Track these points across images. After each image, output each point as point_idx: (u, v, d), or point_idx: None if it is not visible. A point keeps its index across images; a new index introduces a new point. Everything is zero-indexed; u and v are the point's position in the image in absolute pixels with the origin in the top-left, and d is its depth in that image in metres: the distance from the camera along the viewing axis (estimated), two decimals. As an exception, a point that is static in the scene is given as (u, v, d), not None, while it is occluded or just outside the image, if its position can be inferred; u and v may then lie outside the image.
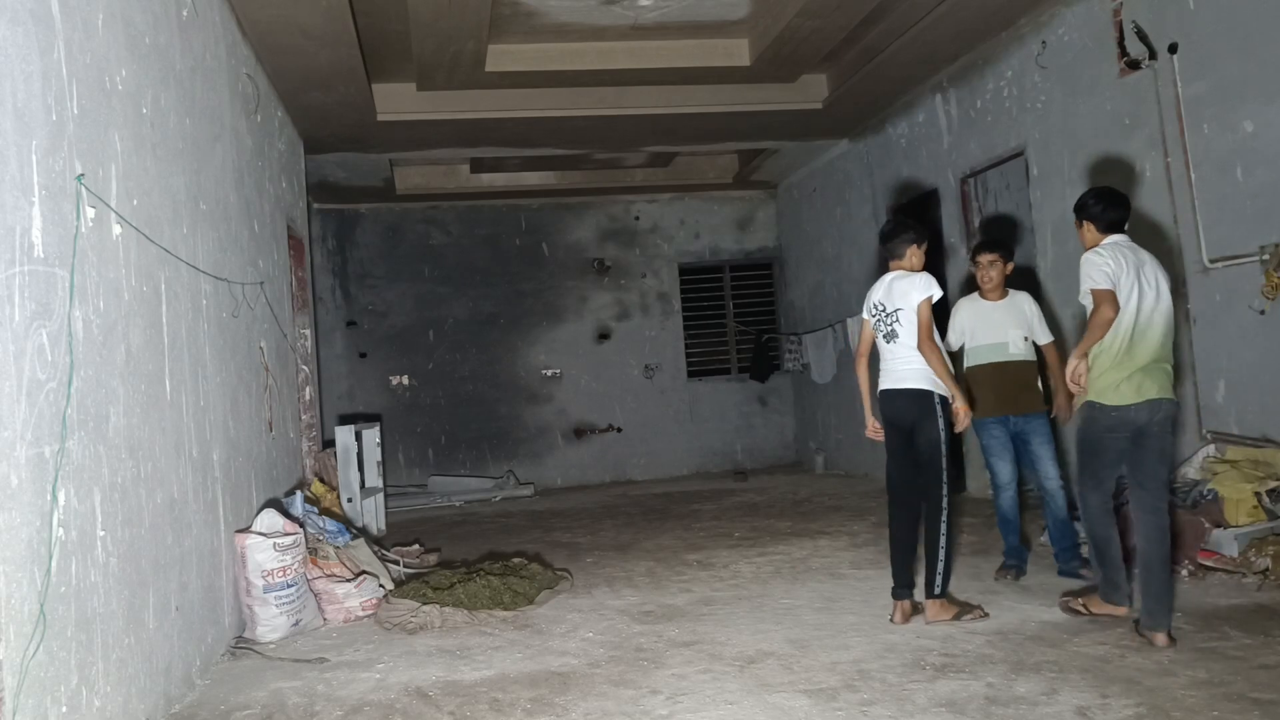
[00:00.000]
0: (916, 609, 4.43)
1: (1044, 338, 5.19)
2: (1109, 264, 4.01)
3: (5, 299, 2.65)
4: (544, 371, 11.67)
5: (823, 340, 10.53)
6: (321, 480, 7.35)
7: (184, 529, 4.06)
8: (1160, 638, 3.78)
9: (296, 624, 4.84)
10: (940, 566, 4.33)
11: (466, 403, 11.47)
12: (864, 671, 3.72)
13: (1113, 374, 3.96)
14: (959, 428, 4.40)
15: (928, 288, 4.44)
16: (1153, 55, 5.67)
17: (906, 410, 4.47)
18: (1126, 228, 4.20)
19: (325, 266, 11.24)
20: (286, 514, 5.14)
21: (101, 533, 3.18)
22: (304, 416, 7.54)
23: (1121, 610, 4.13)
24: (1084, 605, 4.23)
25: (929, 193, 8.34)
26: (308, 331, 8.01)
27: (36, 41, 2.93)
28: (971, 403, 4.71)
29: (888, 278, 4.62)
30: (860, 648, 4.03)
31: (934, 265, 7.91)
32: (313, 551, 5.17)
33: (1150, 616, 3.84)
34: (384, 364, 11.39)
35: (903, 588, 4.45)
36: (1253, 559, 4.59)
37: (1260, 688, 3.24)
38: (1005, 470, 5.20)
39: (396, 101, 7.95)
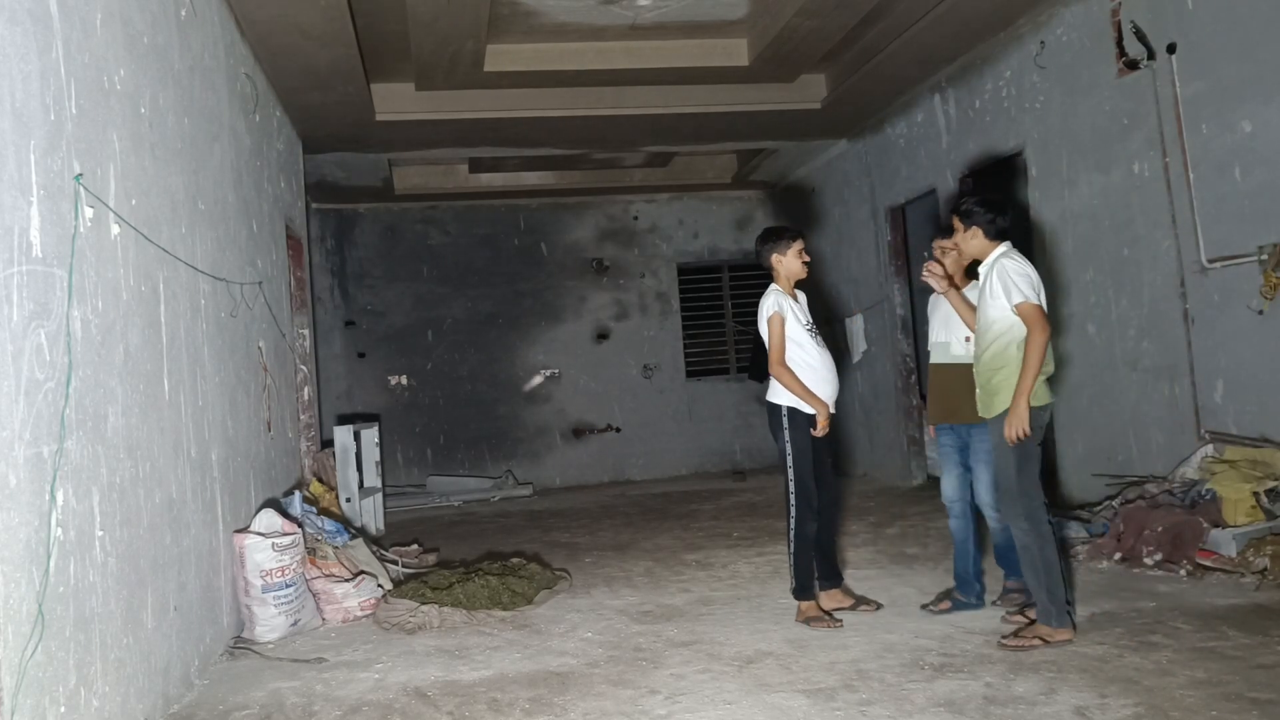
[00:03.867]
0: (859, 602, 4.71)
1: None
2: (1032, 273, 3.91)
3: (3, 299, 2.64)
4: (543, 371, 11.66)
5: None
6: (320, 480, 7.35)
7: (182, 529, 4.06)
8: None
9: (295, 624, 4.84)
10: (790, 571, 4.58)
11: (465, 403, 11.47)
12: (862, 671, 3.72)
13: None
14: (818, 433, 4.54)
15: (766, 306, 4.63)
16: (1151, 55, 5.67)
17: (770, 421, 4.68)
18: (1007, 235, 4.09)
19: (324, 266, 11.23)
20: (285, 514, 5.14)
21: (100, 533, 3.17)
22: (302, 416, 7.54)
23: (1069, 634, 3.85)
24: (1039, 638, 3.83)
25: (928, 192, 8.36)
26: (306, 331, 8.00)
27: (35, 41, 2.93)
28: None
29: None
30: (859, 648, 4.03)
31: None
32: (311, 551, 5.16)
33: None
34: (382, 364, 11.39)
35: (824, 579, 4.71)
36: (1251, 559, 4.59)
37: (1259, 687, 3.24)
38: (948, 485, 4.60)
39: (395, 101, 7.94)
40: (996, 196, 4.12)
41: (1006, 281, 3.90)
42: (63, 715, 2.81)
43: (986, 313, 4.01)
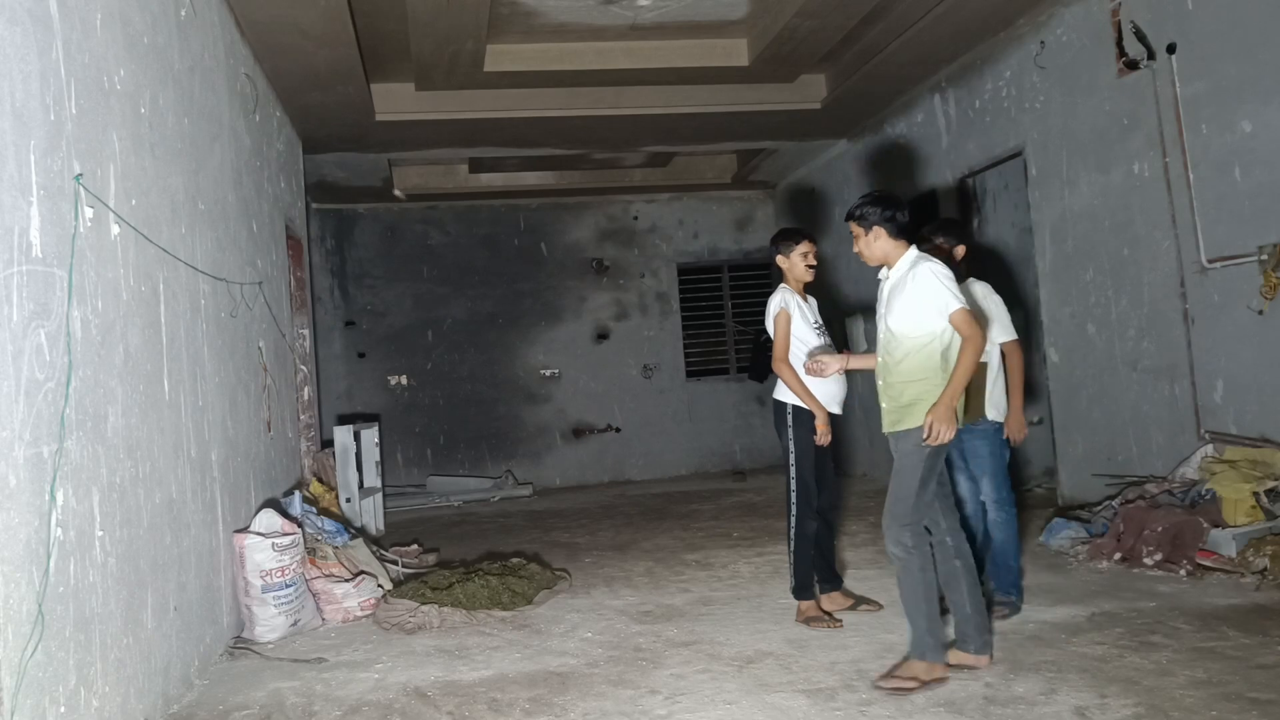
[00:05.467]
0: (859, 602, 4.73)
1: (1000, 335, 4.43)
2: (953, 278, 3.64)
3: (3, 299, 2.64)
4: (543, 371, 11.66)
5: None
6: (320, 480, 7.35)
7: (182, 529, 4.06)
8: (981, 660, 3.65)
9: (295, 624, 4.84)
10: (789, 570, 4.62)
11: (465, 403, 11.47)
12: (863, 671, 3.72)
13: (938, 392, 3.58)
14: (820, 441, 4.55)
15: (774, 304, 4.63)
16: (1151, 55, 5.67)
17: (775, 419, 4.72)
18: (909, 238, 3.81)
19: (324, 266, 11.23)
20: (285, 514, 5.14)
21: (100, 533, 3.17)
22: (302, 416, 7.54)
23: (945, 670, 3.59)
24: (914, 678, 3.54)
25: (928, 192, 8.35)
26: (306, 331, 8.00)
27: (35, 41, 2.93)
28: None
29: None
30: (859, 648, 4.03)
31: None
32: (311, 551, 5.16)
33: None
34: (382, 364, 11.38)
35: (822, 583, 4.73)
36: (1251, 559, 4.59)
37: (1258, 687, 3.24)
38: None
39: (395, 101, 7.94)
40: (886, 191, 3.84)
41: (935, 287, 3.58)
42: (63, 715, 2.81)
43: (902, 321, 3.64)
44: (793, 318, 4.58)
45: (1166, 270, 5.72)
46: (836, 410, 4.64)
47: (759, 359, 11.91)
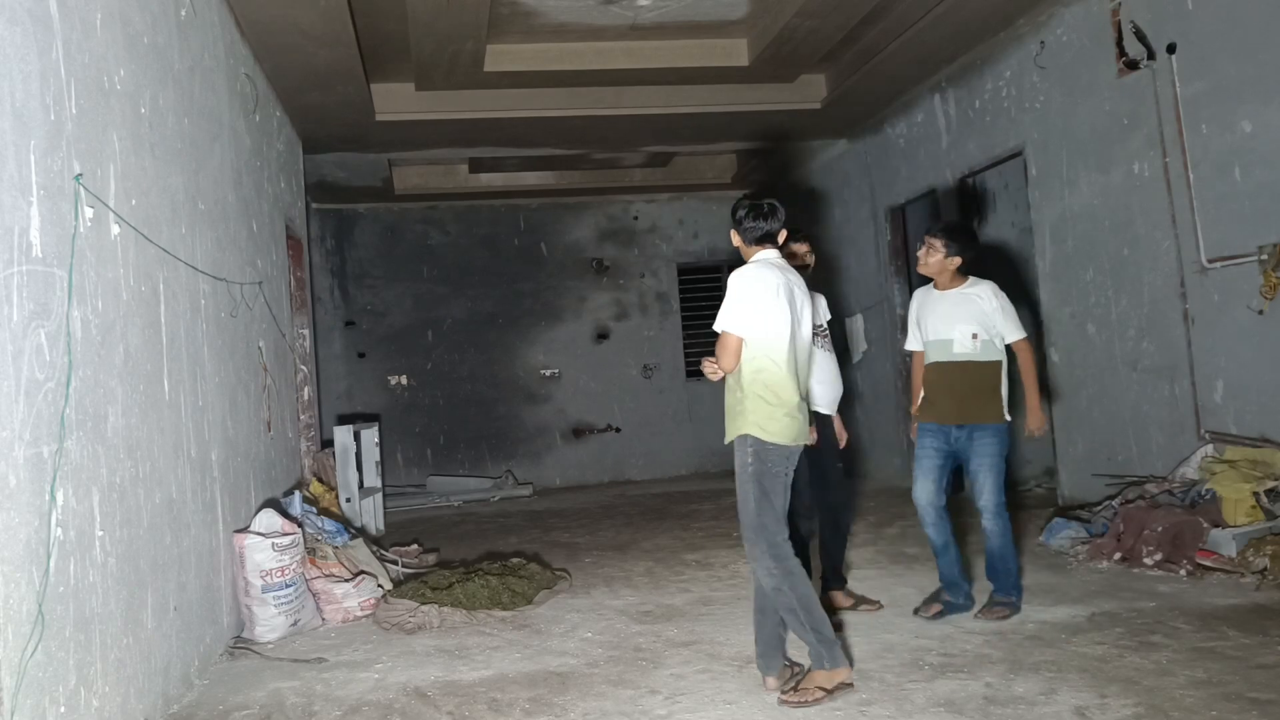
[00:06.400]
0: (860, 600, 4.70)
1: (1011, 334, 4.41)
2: (754, 287, 3.51)
3: (3, 299, 2.64)
4: (543, 371, 11.67)
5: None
6: (320, 480, 7.35)
7: (182, 529, 4.06)
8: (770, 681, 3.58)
9: (295, 624, 4.84)
10: None
11: (465, 403, 11.47)
12: (862, 671, 3.72)
13: (773, 410, 3.51)
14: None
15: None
16: (1151, 55, 5.67)
17: None
18: (781, 241, 3.68)
19: (324, 266, 11.23)
20: (285, 514, 5.14)
21: (100, 533, 3.17)
22: (302, 416, 7.54)
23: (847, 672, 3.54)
24: (818, 688, 3.44)
25: (928, 192, 8.36)
26: (306, 331, 8.00)
27: (35, 41, 2.93)
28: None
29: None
30: (859, 647, 4.03)
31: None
32: (311, 551, 5.16)
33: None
34: (382, 364, 11.38)
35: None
36: (1251, 559, 4.60)
37: (1258, 687, 3.24)
38: (924, 490, 4.43)
39: (395, 101, 7.94)
40: (754, 198, 3.71)
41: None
42: (63, 715, 2.81)
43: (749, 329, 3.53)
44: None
45: (1166, 270, 5.72)
46: (824, 410, 4.63)
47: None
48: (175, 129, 4.35)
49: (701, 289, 12.20)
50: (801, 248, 4.65)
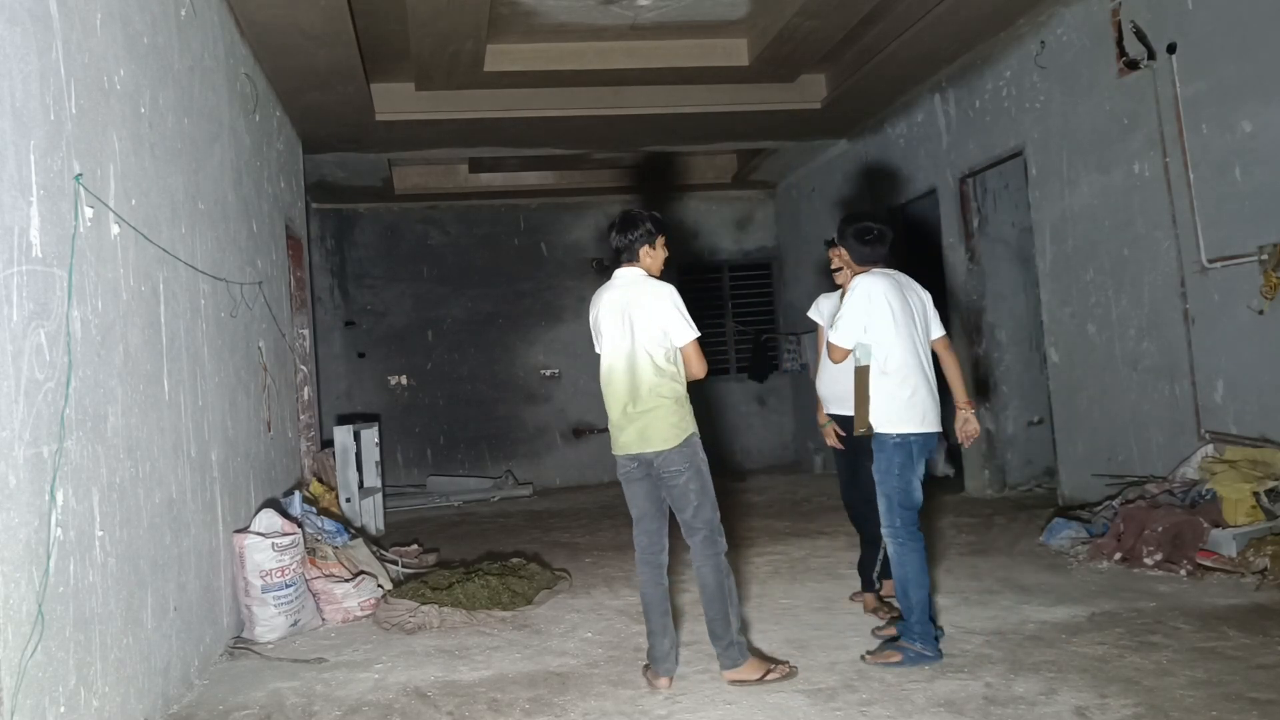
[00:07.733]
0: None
1: (932, 331, 4.11)
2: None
3: (3, 299, 2.64)
4: (542, 371, 11.67)
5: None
6: (320, 480, 7.35)
7: (182, 529, 4.06)
8: (663, 681, 3.70)
9: (295, 624, 4.84)
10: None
11: (465, 403, 11.46)
12: (862, 671, 3.72)
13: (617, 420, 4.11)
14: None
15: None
16: (1151, 55, 5.67)
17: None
18: (624, 258, 4.10)
19: (324, 266, 11.23)
20: (285, 514, 5.14)
21: (100, 533, 3.17)
22: (302, 416, 7.54)
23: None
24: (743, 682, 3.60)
25: (928, 192, 8.35)
26: (306, 331, 8.00)
27: (35, 41, 2.93)
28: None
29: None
30: (859, 648, 4.02)
31: (932, 266, 7.94)
32: (311, 551, 5.16)
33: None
34: (382, 364, 11.38)
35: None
36: (1251, 559, 4.59)
37: (1259, 687, 3.24)
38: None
39: (395, 101, 7.94)
40: (624, 213, 4.14)
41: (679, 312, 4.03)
42: (63, 715, 2.81)
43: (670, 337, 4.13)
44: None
45: (1167, 270, 5.72)
46: (834, 410, 4.62)
47: (759, 359, 11.94)
48: (175, 129, 4.35)
49: (702, 289, 12.18)
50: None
